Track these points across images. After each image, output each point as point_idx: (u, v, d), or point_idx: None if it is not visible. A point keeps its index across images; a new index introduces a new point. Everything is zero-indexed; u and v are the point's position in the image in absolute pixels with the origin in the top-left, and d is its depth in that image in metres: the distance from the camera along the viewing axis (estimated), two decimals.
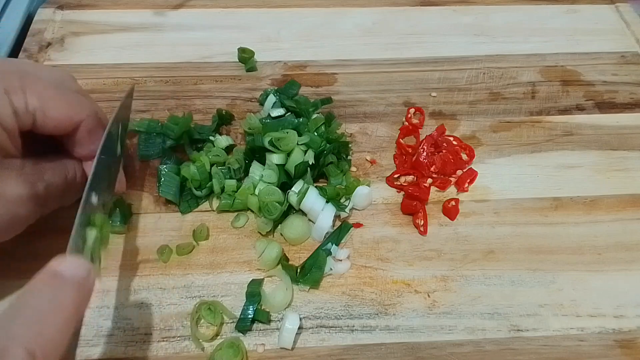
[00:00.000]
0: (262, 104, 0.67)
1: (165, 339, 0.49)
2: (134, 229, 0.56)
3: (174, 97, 0.68)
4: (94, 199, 0.44)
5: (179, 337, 0.49)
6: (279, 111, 0.64)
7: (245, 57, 0.72)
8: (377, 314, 0.51)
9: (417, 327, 0.51)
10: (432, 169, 0.61)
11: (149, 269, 0.53)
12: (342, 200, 0.58)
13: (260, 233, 0.56)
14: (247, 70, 0.72)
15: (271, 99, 0.66)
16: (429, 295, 0.53)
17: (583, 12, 0.83)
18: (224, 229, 0.56)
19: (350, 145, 0.63)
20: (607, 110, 0.70)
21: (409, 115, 0.67)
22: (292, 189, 0.56)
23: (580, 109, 0.70)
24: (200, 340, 0.49)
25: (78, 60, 0.72)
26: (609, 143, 0.66)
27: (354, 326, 0.50)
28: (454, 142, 0.63)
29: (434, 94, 0.70)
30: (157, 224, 0.57)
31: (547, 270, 0.55)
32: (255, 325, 0.50)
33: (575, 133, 0.67)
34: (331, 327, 0.50)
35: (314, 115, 0.62)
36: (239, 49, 0.73)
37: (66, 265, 0.36)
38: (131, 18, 0.78)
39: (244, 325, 0.50)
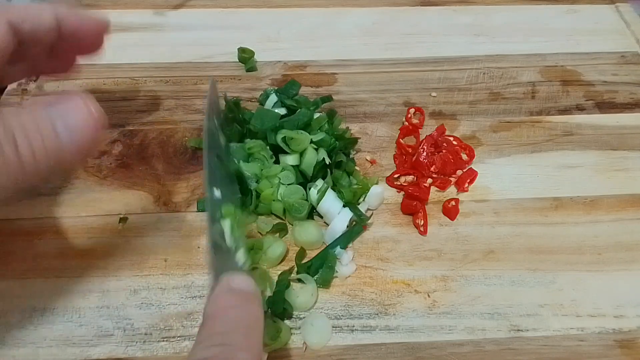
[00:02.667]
0: (262, 103, 0.67)
1: (165, 339, 0.49)
2: (134, 229, 0.56)
3: (174, 97, 0.68)
4: (217, 192, 0.47)
5: (179, 337, 0.49)
6: (281, 111, 0.64)
7: (245, 57, 0.72)
8: (377, 314, 0.51)
9: (417, 327, 0.50)
10: (432, 169, 0.61)
11: (149, 269, 0.53)
12: (359, 200, 0.58)
13: (260, 233, 0.56)
14: (247, 70, 0.72)
15: (272, 98, 0.66)
16: (429, 295, 0.53)
17: (583, 12, 0.83)
18: None
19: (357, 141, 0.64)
20: (607, 110, 0.70)
21: (409, 115, 0.67)
22: (314, 184, 0.56)
23: (580, 109, 0.70)
24: None
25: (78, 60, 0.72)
26: (609, 143, 0.66)
27: (354, 326, 0.50)
28: (454, 142, 0.63)
29: (434, 94, 0.70)
30: (157, 224, 0.57)
31: (547, 270, 0.55)
32: None
33: (575, 133, 0.67)
34: (331, 327, 0.50)
35: (316, 115, 0.62)
36: (239, 49, 0.73)
37: (239, 281, 0.39)
38: (131, 18, 0.78)
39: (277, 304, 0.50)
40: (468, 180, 0.60)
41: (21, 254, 0.54)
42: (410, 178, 0.60)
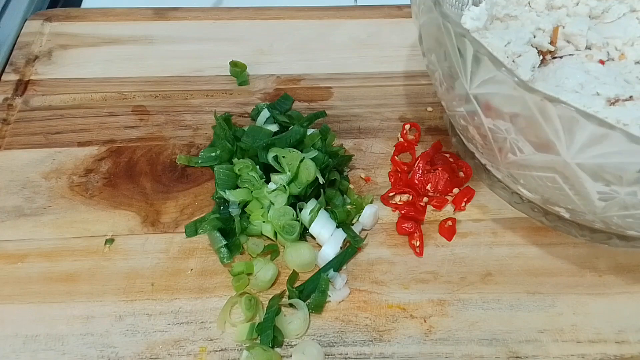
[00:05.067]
0: (254, 119, 0.66)
1: None
2: (121, 251, 0.54)
3: (164, 112, 0.67)
4: None
5: None
6: (273, 127, 0.62)
7: (237, 70, 0.70)
8: (372, 341, 0.50)
9: (412, 355, 0.49)
10: (427, 187, 0.59)
11: (135, 294, 0.52)
12: (352, 221, 0.57)
13: (250, 255, 0.54)
14: (239, 84, 0.70)
15: (265, 113, 0.64)
16: (425, 321, 0.51)
17: None
18: (213, 251, 0.55)
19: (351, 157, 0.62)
20: None
21: (404, 132, 0.65)
22: (306, 204, 0.55)
23: None
24: (226, 323, 0.49)
25: (66, 74, 0.70)
26: None
27: (347, 354, 0.49)
28: (451, 160, 0.62)
29: (429, 108, 0.69)
30: (144, 246, 0.55)
31: (547, 294, 0.53)
32: None
33: None
34: (324, 355, 0.49)
35: (310, 131, 0.61)
36: (230, 62, 0.71)
37: None
38: (121, 31, 0.76)
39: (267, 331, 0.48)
40: (465, 199, 0.59)
41: (3, 277, 0.52)
42: (405, 197, 0.59)
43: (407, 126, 0.65)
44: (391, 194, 0.59)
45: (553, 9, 0.60)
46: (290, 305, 0.51)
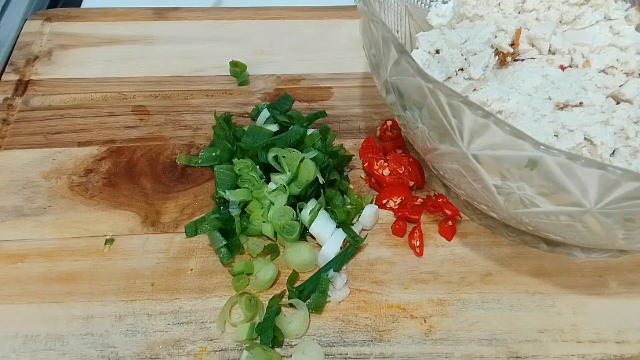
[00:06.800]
0: (254, 119, 0.66)
1: None
2: (121, 251, 0.54)
3: (164, 112, 0.67)
4: None
5: None
6: (273, 127, 0.62)
7: (237, 70, 0.70)
8: (372, 341, 0.50)
9: (412, 355, 0.49)
10: (384, 172, 0.59)
11: (135, 294, 0.52)
12: (353, 221, 0.57)
13: (250, 255, 0.54)
14: (239, 84, 0.70)
15: (265, 113, 0.64)
16: (425, 321, 0.51)
17: None
18: (213, 251, 0.54)
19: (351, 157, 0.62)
20: None
21: (385, 127, 0.64)
22: (306, 204, 0.55)
23: None
24: (226, 323, 0.49)
25: (66, 74, 0.70)
26: None
27: (347, 354, 0.49)
28: (402, 154, 0.61)
29: None
30: (144, 246, 0.55)
31: (547, 294, 0.53)
32: None
33: None
34: (324, 355, 0.49)
35: (310, 131, 0.61)
36: (230, 62, 0.71)
37: None
38: (121, 30, 0.76)
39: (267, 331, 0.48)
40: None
41: (3, 277, 0.52)
42: (399, 199, 0.58)
43: (389, 122, 0.65)
44: (384, 201, 0.59)
45: (524, 11, 0.59)
46: (290, 305, 0.51)
